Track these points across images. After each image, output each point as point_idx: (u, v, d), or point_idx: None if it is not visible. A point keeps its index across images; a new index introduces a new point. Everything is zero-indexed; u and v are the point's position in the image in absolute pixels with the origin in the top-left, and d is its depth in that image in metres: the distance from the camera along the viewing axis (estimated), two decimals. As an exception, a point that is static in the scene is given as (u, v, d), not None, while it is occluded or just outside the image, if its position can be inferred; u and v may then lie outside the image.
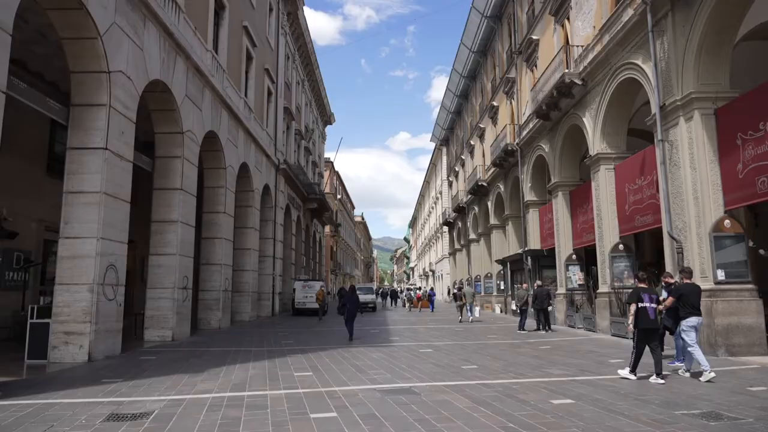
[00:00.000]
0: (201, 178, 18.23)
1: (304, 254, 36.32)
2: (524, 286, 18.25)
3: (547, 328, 16.45)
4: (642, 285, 8.19)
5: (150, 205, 14.35)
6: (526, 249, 22.47)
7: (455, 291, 25.11)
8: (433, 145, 56.29)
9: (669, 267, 11.53)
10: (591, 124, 15.76)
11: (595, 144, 15.48)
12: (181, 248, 14.27)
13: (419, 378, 8.06)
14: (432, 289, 40.42)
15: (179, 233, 14.22)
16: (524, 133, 22.47)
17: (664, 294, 9.99)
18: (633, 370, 7.82)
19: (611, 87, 14.43)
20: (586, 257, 18.82)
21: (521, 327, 16.54)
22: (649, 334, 7.85)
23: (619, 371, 8.04)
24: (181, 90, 14.28)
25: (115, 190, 10.78)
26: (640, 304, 7.82)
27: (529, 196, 22.69)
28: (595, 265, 19.86)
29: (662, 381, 7.53)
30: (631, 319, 7.93)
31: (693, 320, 7.97)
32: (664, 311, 8.41)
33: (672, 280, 9.46)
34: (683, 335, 8.06)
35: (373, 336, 15.40)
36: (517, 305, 18.68)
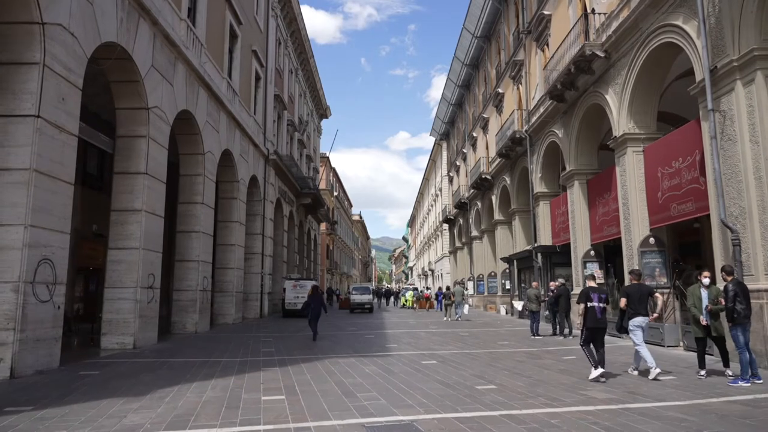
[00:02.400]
0: (177, 167, 16.39)
1: (297, 252, 34.39)
2: (535, 285, 16.32)
3: (566, 332, 14.57)
4: (591, 284, 8.37)
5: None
6: (536, 245, 20.58)
7: (444, 290, 26.12)
8: (432, 143, 54.43)
9: (720, 262, 9.65)
10: (616, 101, 13.87)
11: (621, 124, 13.59)
12: (145, 241, 12.36)
13: (423, 406, 6.15)
14: (440, 288, 38.61)
15: (143, 224, 12.31)
16: (534, 119, 20.58)
17: (702, 294, 8.20)
18: (595, 367, 7.75)
19: (641, 56, 12.54)
20: (606, 253, 16.96)
21: (535, 332, 14.63)
22: (596, 333, 7.96)
23: (590, 377, 7.74)
24: (145, 58, 12.35)
25: (51, 168, 8.85)
26: (589, 304, 7.96)
27: (539, 187, 20.79)
28: (613, 262, 18.06)
29: (604, 380, 7.62)
30: (579, 319, 8.10)
31: (638, 320, 8.11)
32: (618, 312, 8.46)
33: (730, 278, 7.66)
34: (630, 335, 8.23)
35: (368, 343, 13.49)
36: (526, 307, 16.80)
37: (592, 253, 16.47)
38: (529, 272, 22.06)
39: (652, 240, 12.86)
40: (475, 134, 33.17)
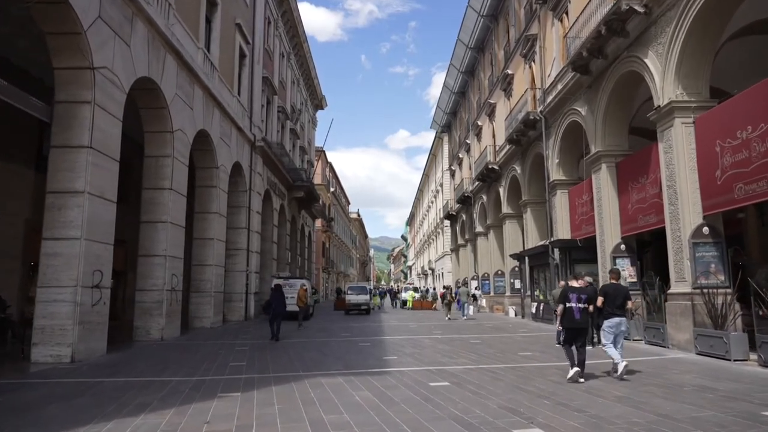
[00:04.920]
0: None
1: (289, 249, 32.08)
2: (562, 284, 13.99)
3: (596, 341, 12.29)
4: (573, 284, 8.24)
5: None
6: (552, 239, 18.32)
7: (442, 291, 27.35)
8: (432, 140, 52.21)
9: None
10: (658, 65, 11.62)
11: (666, 91, 11.34)
12: (89, 230, 10.08)
13: (442, 474, 3.89)
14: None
15: (86, 209, 10.04)
16: (550, 98, 18.34)
17: None
18: (572, 366, 7.73)
19: (695, 5, 10.30)
20: (638, 247, 14.78)
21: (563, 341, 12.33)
22: (575, 334, 7.87)
23: (567, 376, 7.69)
24: (89, 6, 10.07)
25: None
26: (567, 304, 7.86)
27: (556, 175, 18.53)
28: (641, 257, 15.86)
29: (582, 380, 7.52)
30: (558, 319, 8.09)
31: (614, 321, 7.97)
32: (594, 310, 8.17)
33: None
34: (601, 334, 8.15)
35: (363, 354, 11.22)
36: (553, 310, 14.52)
37: (623, 247, 14.26)
38: (543, 270, 19.84)
39: (706, 229, 10.63)
40: (479, 123, 30.93)
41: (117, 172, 11.26)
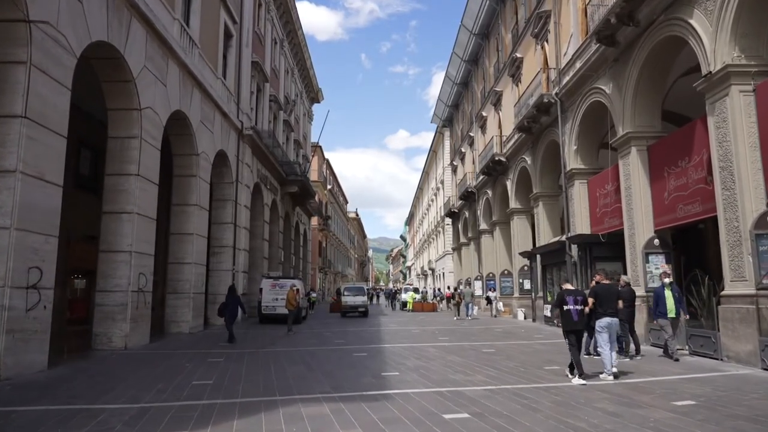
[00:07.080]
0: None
1: (282, 247, 30.21)
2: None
3: (633, 351, 10.48)
4: (567, 287, 8.17)
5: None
6: (570, 235, 16.51)
7: (449, 292, 28.09)
8: (432, 139, 50.33)
9: None
10: (708, 25, 9.81)
11: (719, 54, 9.53)
12: (22, 218, 8.24)
13: None
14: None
15: (19, 192, 8.20)
16: (567, 78, 16.53)
17: None
18: (581, 375, 7.64)
19: (760, -53, 8.51)
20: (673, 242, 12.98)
21: (592, 350, 10.52)
22: (575, 335, 7.84)
23: (573, 381, 7.58)
24: (22, -56, 8.23)
25: None
26: (564, 307, 7.82)
27: (573, 163, 16.70)
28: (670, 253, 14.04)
29: (584, 382, 7.43)
30: (556, 322, 8.51)
31: (604, 321, 7.91)
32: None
33: None
34: (596, 335, 8.16)
35: (357, 368, 9.38)
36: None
37: (657, 242, 12.44)
38: (558, 269, 18.02)
39: (771, 218, 8.81)
40: (484, 113, 29.11)
41: (63, 151, 9.40)
